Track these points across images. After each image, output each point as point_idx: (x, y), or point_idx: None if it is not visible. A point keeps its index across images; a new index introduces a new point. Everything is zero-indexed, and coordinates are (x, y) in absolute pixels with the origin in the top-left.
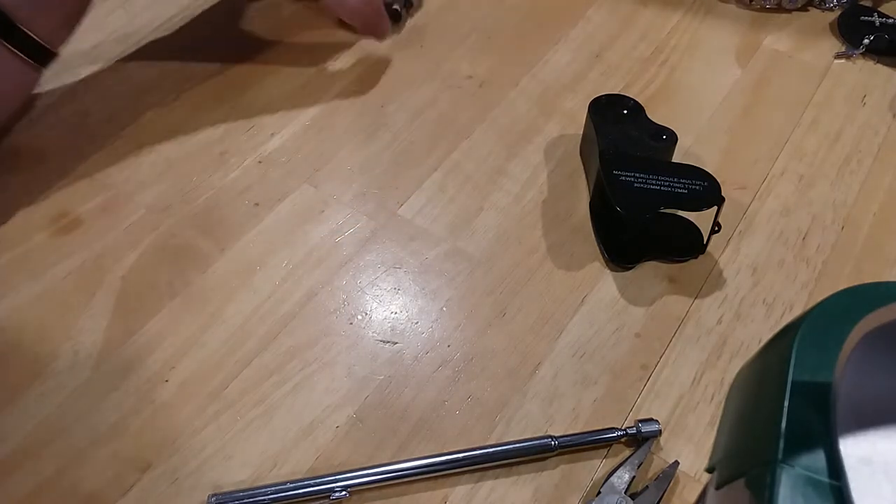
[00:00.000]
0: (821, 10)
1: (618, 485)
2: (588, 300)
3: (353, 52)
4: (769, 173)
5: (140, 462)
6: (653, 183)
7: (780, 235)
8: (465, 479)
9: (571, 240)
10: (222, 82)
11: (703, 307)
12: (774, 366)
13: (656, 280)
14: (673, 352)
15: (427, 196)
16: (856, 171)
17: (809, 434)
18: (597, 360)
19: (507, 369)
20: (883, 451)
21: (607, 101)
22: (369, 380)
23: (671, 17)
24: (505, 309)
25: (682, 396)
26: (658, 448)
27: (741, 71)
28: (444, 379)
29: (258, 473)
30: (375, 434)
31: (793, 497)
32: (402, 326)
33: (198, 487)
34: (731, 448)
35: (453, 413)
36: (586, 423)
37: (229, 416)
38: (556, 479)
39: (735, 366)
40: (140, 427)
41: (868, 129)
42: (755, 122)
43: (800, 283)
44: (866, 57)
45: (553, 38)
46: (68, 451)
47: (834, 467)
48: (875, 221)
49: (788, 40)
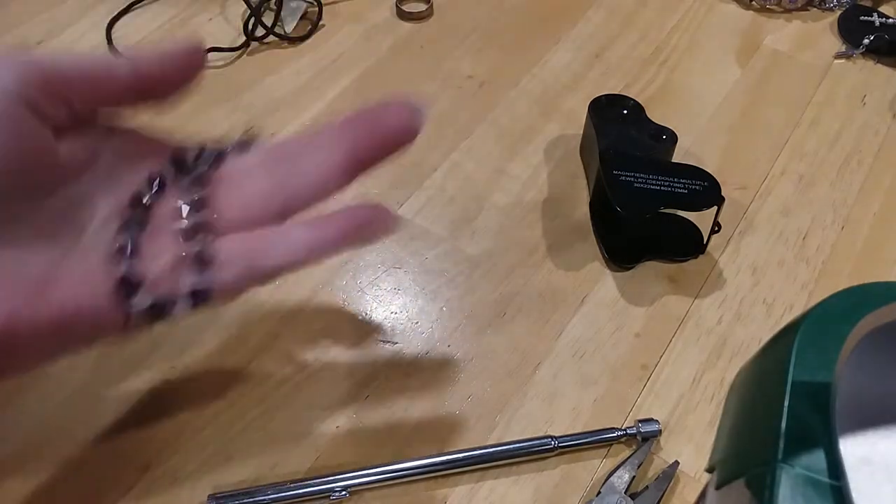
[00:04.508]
0: (821, 10)
1: (618, 485)
2: (588, 300)
3: (353, 52)
4: (769, 173)
5: (140, 462)
6: (653, 183)
7: (780, 235)
8: (465, 479)
9: (571, 240)
10: (222, 82)
11: (703, 307)
12: (774, 366)
13: (656, 280)
14: (673, 352)
15: (427, 196)
16: (856, 171)
17: (809, 434)
18: (597, 360)
19: (507, 369)
20: (883, 451)
21: (607, 101)
22: (369, 379)
23: (671, 17)
24: (505, 309)
25: (682, 396)
26: (658, 448)
27: (741, 71)
28: (444, 379)
29: (258, 473)
30: (375, 434)
31: (793, 497)
32: (402, 326)
33: (198, 487)
34: (731, 448)
35: (453, 413)
36: (586, 423)
37: (229, 416)
38: (556, 479)
39: (735, 366)
40: (140, 427)
41: (868, 129)
42: (755, 122)
43: (800, 283)
44: (866, 57)
45: (553, 38)
46: (68, 451)
47: (834, 467)
48: (875, 221)
49: (788, 40)
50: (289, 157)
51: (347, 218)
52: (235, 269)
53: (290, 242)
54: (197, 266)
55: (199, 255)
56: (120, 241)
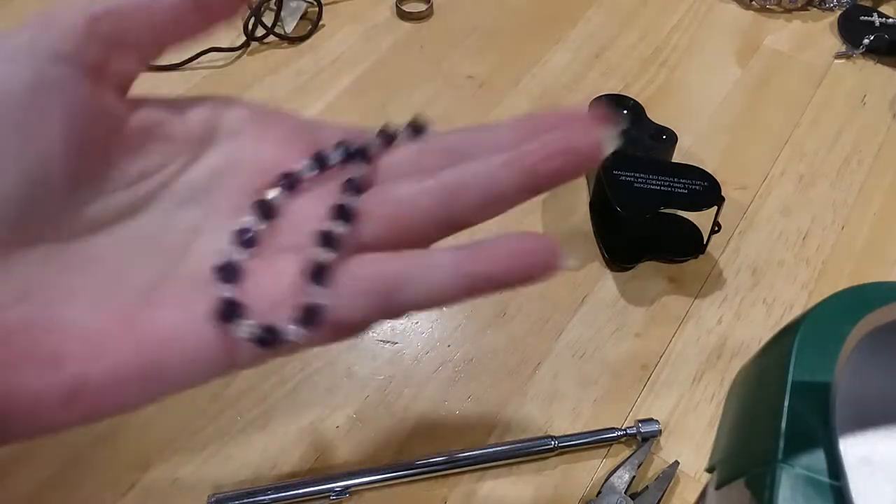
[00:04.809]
0: (821, 10)
1: (618, 485)
2: (588, 300)
3: (353, 52)
4: (769, 173)
5: (140, 462)
6: (653, 183)
7: (780, 235)
8: (465, 479)
9: (571, 240)
10: (223, 82)
11: (703, 307)
12: (774, 366)
13: (656, 280)
14: (673, 352)
15: None
16: (856, 171)
17: (809, 434)
18: (597, 360)
19: (507, 369)
20: (883, 451)
21: (607, 102)
22: (369, 380)
23: (671, 17)
24: (505, 309)
25: (682, 396)
26: (658, 448)
27: (741, 71)
28: (444, 379)
29: (258, 473)
30: (375, 434)
31: (793, 497)
32: (402, 326)
33: (198, 487)
34: (731, 448)
35: (453, 413)
36: (586, 423)
37: (229, 416)
38: (556, 479)
39: (735, 366)
40: (140, 427)
41: (868, 129)
42: (755, 122)
43: (800, 283)
44: (866, 57)
45: (553, 38)
46: (68, 451)
47: (834, 467)
48: (875, 221)
49: (788, 40)
50: (452, 159)
51: (505, 249)
52: (366, 298)
53: (439, 272)
54: (321, 291)
55: (324, 276)
56: (228, 252)
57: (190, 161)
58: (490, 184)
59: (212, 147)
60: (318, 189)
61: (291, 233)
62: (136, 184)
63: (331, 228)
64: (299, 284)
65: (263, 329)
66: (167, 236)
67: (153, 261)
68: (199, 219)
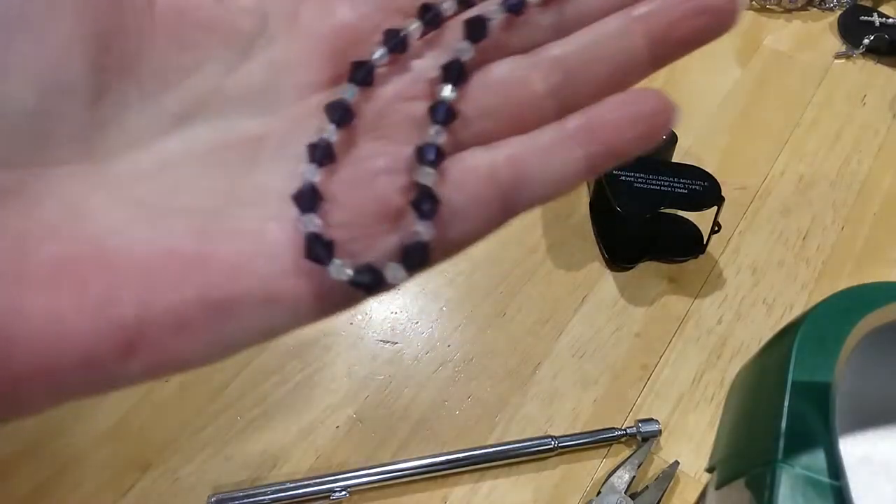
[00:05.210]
0: (821, 10)
1: (618, 485)
2: (588, 300)
3: None
4: (769, 173)
5: (140, 462)
6: (653, 183)
7: (780, 235)
8: (465, 479)
9: (571, 240)
10: None
11: (703, 307)
12: (774, 366)
13: (656, 280)
14: (673, 352)
15: None
16: (856, 171)
17: (809, 434)
18: (597, 360)
19: (507, 369)
20: (883, 451)
21: None
22: (369, 380)
23: None
24: (505, 309)
25: (682, 396)
26: (658, 448)
27: (741, 71)
28: (444, 379)
29: (258, 473)
30: (375, 434)
31: (793, 497)
32: (402, 326)
33: (198, 487)
34: (731, 448)
35: (453, 413)
36: (586, 423)
37: (229, 416)
38: (556, 479)
39: (735, 366)
40: (140, 427)
41: (868, 129)
42: (755, 122)
43: (800, 283)
44: (866, 57)
45: None
46: (68, 451)
47: (834, 467)
48: (875, 221)
49: (788, 40)
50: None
51: (627, 117)
52: (482, 205)
53: (559, 156)
54: (427, 206)
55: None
56: (307, 173)
57: (240, 56)
58: (616, 54)
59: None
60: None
61: (381, 130)
62: (176, 87)
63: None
64: (401, 206)
65: (363, 270)
66: (224, 153)
67: (211, 181)
68: (261, 127)
